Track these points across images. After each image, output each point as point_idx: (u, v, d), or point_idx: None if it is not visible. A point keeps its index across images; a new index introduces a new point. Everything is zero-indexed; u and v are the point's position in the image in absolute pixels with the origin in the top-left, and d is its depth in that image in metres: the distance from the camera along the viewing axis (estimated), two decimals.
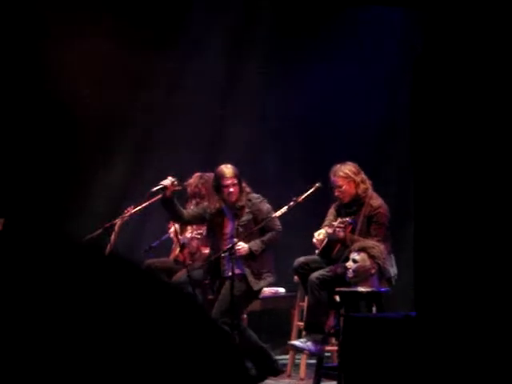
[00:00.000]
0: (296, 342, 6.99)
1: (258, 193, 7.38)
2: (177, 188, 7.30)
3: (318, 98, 9.52)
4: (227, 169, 7.21)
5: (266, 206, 7.20)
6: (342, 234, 6.94)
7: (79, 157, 9.36)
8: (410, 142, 5.09)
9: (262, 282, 7.21)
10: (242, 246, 7.07)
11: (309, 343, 6.84)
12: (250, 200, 7.20)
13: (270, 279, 7.26)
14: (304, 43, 9.56)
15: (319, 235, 7.04)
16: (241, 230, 7.17)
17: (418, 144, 4.87)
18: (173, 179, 7.24)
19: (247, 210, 7.18)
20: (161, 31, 9.42)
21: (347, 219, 7.00)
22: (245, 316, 7.64)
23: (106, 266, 1.21)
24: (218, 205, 7.29)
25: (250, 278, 7.13)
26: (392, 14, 9.36)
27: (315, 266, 7.01)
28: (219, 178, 7.20)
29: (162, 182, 7.22)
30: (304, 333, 7.14)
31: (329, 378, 6.68)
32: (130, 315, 1.15)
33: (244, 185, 7.25)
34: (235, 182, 7.17)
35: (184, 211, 7.41)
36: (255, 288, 7.15)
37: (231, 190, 7.15)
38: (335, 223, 7.02)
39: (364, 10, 9.50)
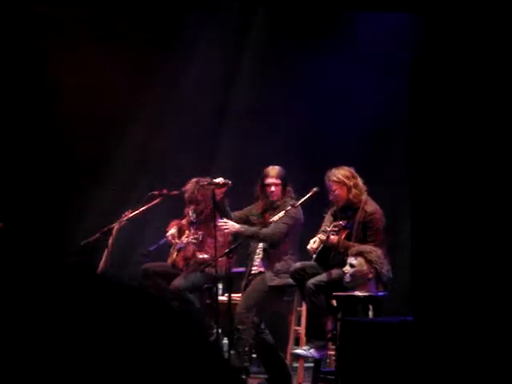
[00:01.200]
0: (299, 351, 7.00)
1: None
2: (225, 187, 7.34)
3: (316, 99, 9.54)
4: (272, 169, 7.48)
5: (290, 211, 7.23)
6: (335, 240, 6.94)
7: (77, 162, 9.37)
8: (407, 143, 5.10)
9: (278, 280, 7.26)
10: (228, 224, 7.31)
11: (312, 350, 6.86)
12: (285, 202, 7.32)
13: (288, 280, 7.29)
14: (302, 44, 9.58)
15: (314, 243, 7.04)
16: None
17: (415, 145, 4.88)
18: (223, 180, 7.31)
19: (280, 210, 7.31)
20: (160, 32, 9.45)
21: (340, 223, 7.01)
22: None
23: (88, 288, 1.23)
24: (262, 204, 7.50)
25: (268, 274, 7.27)
26: (391, 16, 9.37)
27: (312, 271, 7.01)
28: (264, 176, 7.46)
29: (214, 180, 7.29)
30: (305, 340, 7.16)
31: (326, 382, 6.69)
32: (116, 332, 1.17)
33: (289, 188, 7.45)
34: (278, 182, 7.42)
35: (232, 214, 7.49)
36: (269, 283, 7.23)
37: (272, 189, 7.41)
38: (329, 228, 7.02)
39: (363, 12, 9.51)
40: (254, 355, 7.70)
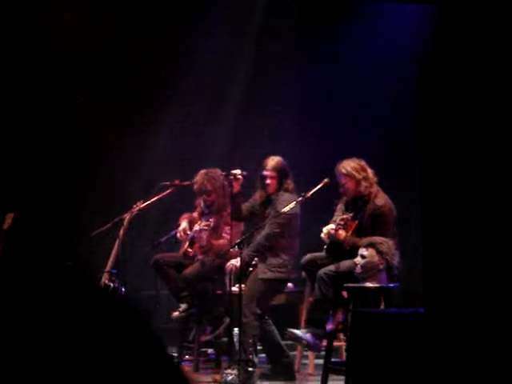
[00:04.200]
0: (296, 331, 7.02)
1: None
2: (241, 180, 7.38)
3: (327, 92, 9.55)
4: (270, 161, 7.46)
5: (281, 207, 7.23)
6: (341, 237, 6.93)
7: (87, 152, 9.40)
8: (418, 138, 5.10)
9: (269, 274, 7.28)
10: (233, 264, 7.39)
11: (308, 335, 6.87)
12: (278, 196, 7.31)
13: (281, 275, 7.30)
14: (314, 38, 9.58)
15: (327, 230, 7.04)
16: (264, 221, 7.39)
17: (426, 141, 4.88)
18: (242, 172, 7.33)
19: (274, 203, 7.32)
20: (174, 15, 9.49)
21: (347, 216, 7.00)
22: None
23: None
24: (261, 194, 7.50)
25: (260, 266, 7.32)
26: (403, 9, 9.36)
27: (323, 262, 7.02)
28: (262, 167, 7.43)
29: (233, 171, 7.30)
30: (305, 325, 7.18)
31: (337, 373, 6.69)
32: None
33: (289, 181, 7.42)
34: (273, 174, 7.38)
35: (243, 207, 7.51)
36: (260, 276, 7.24)
37: (268, 181, 7.38)
38: (337, 221, 7.02)
39: (375, 5, 9.50)
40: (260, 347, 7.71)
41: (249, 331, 7.15)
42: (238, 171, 7.31)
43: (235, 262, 7.34)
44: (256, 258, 7.40)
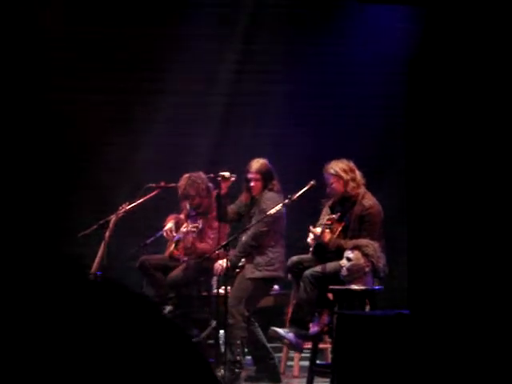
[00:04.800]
0: (278, 329, 7.01)
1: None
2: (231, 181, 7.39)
3: (318, 95, 9.57)
4: (255, 163, 7.48)
5: (265, 206, 7.25)
6: (326, 239, 6.92)
7: (74, 152, 9.38)
8: (405, 141, 5.11)
9: (257, 273, 7.27)
10: (220, 264, 7.40)
11: (290, 334, 6.87)
12: (262, 195, 7.33)
13: (269, 273, 7.30)
14: (300, 40, 9.60)
15: (314, 234, 7.04)
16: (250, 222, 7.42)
17: (413, 143, 4.88)
18: (231, 174, 7.35)
19: (257, 204, 7.33)
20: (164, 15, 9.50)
21: (334, 216, 7.00)
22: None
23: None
24: (246, 196, 7.53)
25: (248, 267, 7.33)
26: (391, 11, 9.39)
27: (309, 265, 7.02)
28: (247, 170, 7.45)
29: (221, 173, 7.31)
30: (288, 325, 7.17)
31: (322, 375, 6.70)
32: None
33: (274, 182, 7.43)
34: (257, 177, 7.41)
35: (229, 209, 7.52)
36: (248, 276, 7.24)
37: (252, 184, 7.41)
38: (323, 222, 7.02)
39: (362, 9, 9.52)
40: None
41: (236, 332, 7.14)
42: (226, 173, 7.34)
43: (223, 262, 7.34)
44: (243, 259, 7.40)
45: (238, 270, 7.40)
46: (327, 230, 6.94)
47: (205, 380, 1.25)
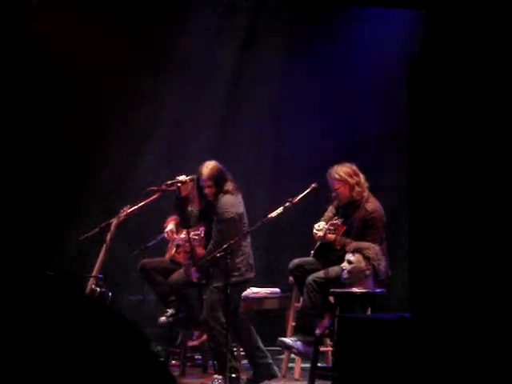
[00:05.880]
0: (286, 339, 7.00)
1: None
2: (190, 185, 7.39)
3: (318, 98, 9.58)
4: (204, 169, 7.33)
5: (220, 211, 7.20)
6: (332, 238, 6.94)
7: (75, 156, 9.39)
8: (408, 143, 5.10)
9: (225, 280, 7.10)
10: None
11: (298, 343, 6.86)
12: (217, 201, 7.26)
13: (236, 278, 7.20)
14: (300, 43, 9.61)
15: (319, 226, 7.04)
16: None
17: (415, 146, 4.88)
18: (189, 176, 7.32)
19: (216, 208, 7.29)
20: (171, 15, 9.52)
21: (337, 222, 7.00)
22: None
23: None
24: (203, 201, 7.46)
25: (213, 275, 7.25)
26: (392, 14, 9.40)
27: (310, 267, 7.02)
28: (199, 175, 7.35)
29: (177, 178, 7.29)
30: (294, 332, 7.16)
31: (323, 378, 6.69)
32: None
33: (228, 183, 7.31)
34: (209, 183, 7.30)
35: (191, 213, 7.48)
36: (214, 284, 7.19)
37: (206, 191, 7.34)
38: (326, 226, 7.02)
39: (363, 9, 9.54)
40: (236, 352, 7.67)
41: (220, 340, 7.07)
42: (182, 177, 7.31)
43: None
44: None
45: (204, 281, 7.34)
46: (330, 233, 6.94)
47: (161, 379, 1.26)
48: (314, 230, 7.04)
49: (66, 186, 9.39)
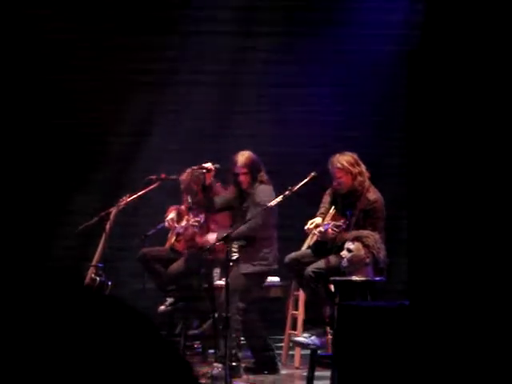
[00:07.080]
0: (300, 339, 7.00)
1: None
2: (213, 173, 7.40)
3: (313, 88, 9.58)
4: (240, 157, 7.41)
5: (259, 199, 7.24)
6: (333, 236, 6.94)
7: (73, 149, 9.40)
8: (406, 133, 5.11)
9: (252, 268, 7.24)
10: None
11: (313, 337, 6.87)
12: (254, 189, 7.31)
13: (263, 268, 7.30)
14: (308, 29, 9.61)
15: (312, 224, 7.04)
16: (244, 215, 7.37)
17: (413, 136, 4.89)
18: (215, 165, 7.34)
19: (250, 197, 7.32)
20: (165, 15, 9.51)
21: (341, 224, 6.97)
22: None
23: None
24: (234, 190, 7.50)
25: (241, 261, 7.31)
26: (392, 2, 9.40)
27: (306, 260, 7.03)
28: (233, 164, 7.41)
29: (203, 165, 7.30)
30: (303, 327, 7.19)
31: (323, 366, 6.71)
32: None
33: (262, 174, 7.39)
34: (244, 171, 7.37)
35: (215, 199, 7.50)
36: (242, 271, 7.23)
37: (241, 178, 7.38)
38: (329, 225, 6.98)
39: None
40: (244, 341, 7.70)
41: (231, 326, 7.13)
42: (208, 164, 7.32)
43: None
44: (236, 254, 7.37)
45: (231, 264, 7.38)
46: (331, 235, 6.94)
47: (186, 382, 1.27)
48: (306, 227, 7.04)
49: (65, 175, 9.39)
